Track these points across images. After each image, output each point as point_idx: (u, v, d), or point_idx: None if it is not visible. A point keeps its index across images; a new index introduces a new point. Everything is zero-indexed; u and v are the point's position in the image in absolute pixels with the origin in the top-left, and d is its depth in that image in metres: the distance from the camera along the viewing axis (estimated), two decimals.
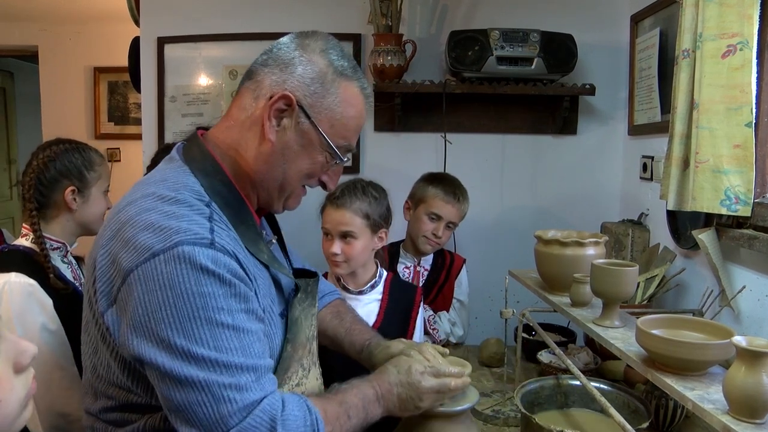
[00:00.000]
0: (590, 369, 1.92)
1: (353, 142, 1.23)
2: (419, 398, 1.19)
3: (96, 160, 1.83)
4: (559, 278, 1.66)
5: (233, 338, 0.99)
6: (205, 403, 0.96)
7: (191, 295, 0.96)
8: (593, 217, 2.70)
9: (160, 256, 0.96)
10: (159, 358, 0.96)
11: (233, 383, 0.97)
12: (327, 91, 1.15)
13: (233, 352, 0.98)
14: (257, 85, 1.16)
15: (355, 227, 1.78)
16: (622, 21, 2.73)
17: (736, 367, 0.97)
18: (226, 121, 1.20)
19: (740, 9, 1.64)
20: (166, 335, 0.95)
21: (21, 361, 0.70)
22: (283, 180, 1.18)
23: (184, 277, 0.96)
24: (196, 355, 0.95)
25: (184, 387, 0.95)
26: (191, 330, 0.96)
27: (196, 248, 0.97)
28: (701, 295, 1.97)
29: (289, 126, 1.14)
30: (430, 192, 2.29)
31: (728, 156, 1.67)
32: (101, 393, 1.09)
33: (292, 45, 1.17)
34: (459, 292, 2.39)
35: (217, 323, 0.97)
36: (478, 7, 2.83)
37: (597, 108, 2.84)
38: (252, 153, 1.16)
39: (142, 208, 1.03)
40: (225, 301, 0.99)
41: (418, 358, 1.25)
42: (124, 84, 4.74)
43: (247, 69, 1.21)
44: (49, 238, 1.73)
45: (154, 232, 0.98)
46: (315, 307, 1.32)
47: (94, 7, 4.35)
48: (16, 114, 5.69)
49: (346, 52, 1.21)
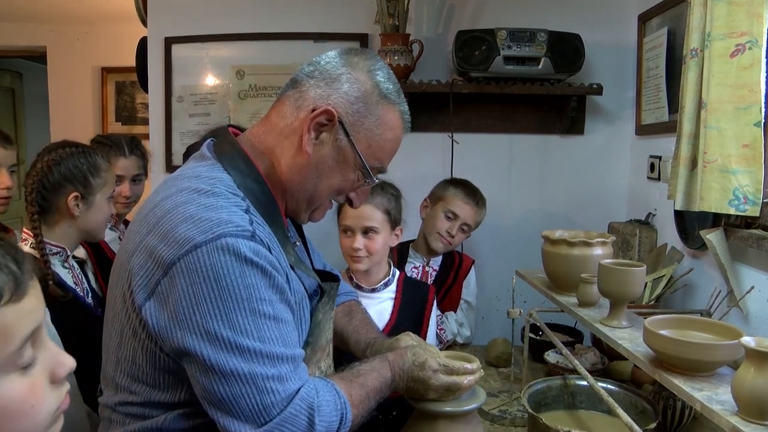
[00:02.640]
0: (597, 369, 1.91)
1: (386, 165, 1.23)
2: (425, 392, 1.23)
3: (102, 165, 1.77)
4: (567, 278, 1.66)
5: (274, 328, 1.01)
6: (248, 394, 0.97)
7: (236, 286, 0.97)
8: (600, 217, 2.70)
9: (203, 247, 0.96)
10: (204, 351, 0.96)
11: (275, 374, 0.99)
12: (369, 111, 1.15)
13: (275, 343, 1.00)
14: (300, 95, 1.15)
15: (377, 222, 1.80)
16: (630, 20, 2.72)
17: (745, 368, 0.96)
18: (263, 126, 1.20)
19: (749, 8, 1.63)
20: (211, 327, 0.96)
21: (58, 373, 0.72)
22: (314, 193, 1.18)
23: (229, 268, 0.96)
24: (241, 346, 0.97)
25: (228, 379, 0.97)
26: (236, 321, 0.97)
27: (239, 240, 0.98)
28: (709, 296, 1.96)
29: (328, 141, 1.14)
30: (450, 191, 2.32)
31: (737, 156, 1.66)
32: (123, 388, 1.09)
33: (340, 60, 1.17)
34: (467, 293, 2.39)
35: (260, 314, 0.99)
36: (485, 7, 2.82)
37: (604, 108, 2.83)
38: (287, 162, 1.16)
39: (178, 202, 1.03)
40: (266, 292, 1.01)
41: (431, 353, 1.27)
42: (131, 84, 4.75)
43: (291, 77, 1.20)
44: (48, 242, 1.68)
45: (194, 223, 0.98)
46: (333, 310, 1.33)
47: (101, 7, 4.37)
48: (25, 114, 5.72)
49: (392, 75, 1.20)
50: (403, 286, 1.91)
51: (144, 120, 4.55)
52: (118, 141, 2.22)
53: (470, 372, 1.25)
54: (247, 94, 2.91)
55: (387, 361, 1.22)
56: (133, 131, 4.79)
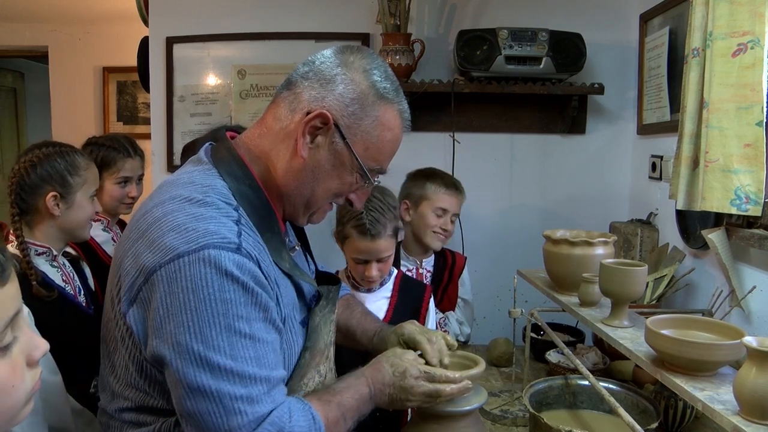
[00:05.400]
0: (599, 369, 1.91)
1: (385, 166, 1.20)
2: (408, 399, 1.19)
3: (81, 164, 1.75)
4: (568, 278, 1.66)
5: (249, 347, 0.98)
6: (215, 413, 0.95)
7: (213, 300, 0.95)
8: (602, 216, 2.69)
9: (185, 257, 0.95)
10: (174, 362, 0.95)
11: (245, 395, 0.96)
12: (366, 113, 1.11)
13: (248, 362, 0.97)
14: (295, 97, 1.13)
15: (390, 250, 1.77)
16: (631, 20, 2.71)
17: (747, 367, 0.96)
18: (259, 128, 1.18)
19: (752, 7, 1.63)
20: (183, 339, 0.95)
21: (34, 355, 0.74)
22: (311, 197, 1.16)
23: (208, 281, 0.95)
24: (211, 362, 0.95)
25: (196, 395, 0.95)
26: (209, 336, 0.95)
27: (222, 252, 0.96)
28: (711, 295, 1.95)
29: (323, 144, 1.12)
30: (430, 189, 2.28)
31: (738, 155, 1.66)
32: (118, 393, 1.09)
33: (335, 60, 1.13)
34: (463, 291, 2.39)
35: (235, 331, 0.97)
36: (487, 7, 2.82)
37: (606, 107, 2.83)
38: (283, 166, 1.13)
39: (169, 210, 1.02)
40: (245, 309, 0.98)
41: (410, 361, 1.22)
42: (133, 84, 4.76)
43: (286, 77, 1.18)
44: (33, 243, 1.67)
45: (180, 233, 0.98)
46: (334, 313, 1.30)
47: (103, 7, 4.38)
48: (27, 114, 5.73)
49: (389, 72, 1.17)
50: (400, 285, 1.90)
51: (145, 120, 4.55)
52: (120, 142, 2.21)
53: (452, 381, 1.21)
54: (248, 94, 2.92)
55: (364, 376, 1.18)
56: (135, 131, 4.80)
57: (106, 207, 2.19)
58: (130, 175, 2.20)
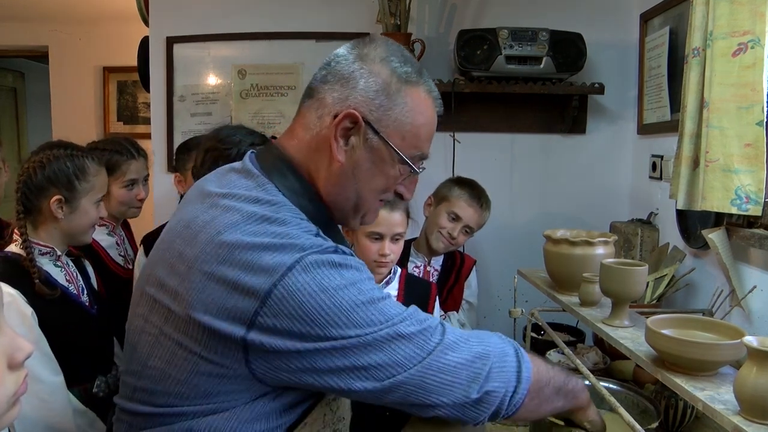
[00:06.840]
0: (599, 369, 1.91)
1: (426, 150, 1.15)
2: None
3: (90, 169, 1.70)
4: (568, 278, 1.66)
5: (393, 305, 1.01)
6: (418, 344, 0.98)
7: (341, 288, 0.95)
8: (602, 216, 2.69)
9: (296, 267, 0.94)
10: (344, 359, 0.95)
11: (422, 327, 1.00)
12: (393, 102, 1.08)
13: (402, 313, 1.00)
14: (320, 103, 1.10)
15: (404, 226, 1.81)
16: (632, 19, 2.71)
17: (748, 367, 0.96)
18: (290, 140, 1.14)
19: (752, 6, 1.63)
20: (338, 334, 0.94)
21: (16, 357, 0.71)
22: (358, 199, 1.13)
23: (328, 276, 0.95)
24: (376, 336, 0.96)
25: (393, 367, 0.97)
26: (359, 316, 0.96)
27: (324, 254, 0.97)
28: (711, 295, 1.95)
29: (358, 144, 1.08)
30: (455, 192, 2.30)
31: (739, 155, 1.66)
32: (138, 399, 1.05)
33: (350, 57, 1.10)
34: (468, 294, 2.39)
35: (375, 300, 0.98)
36: (487, 6, 2.82)
37: (606, 107, 2.83)
38: (323, 175, 1.10)
39: (251, 231, 0.98)
40: (368, 283, 1.00)
41: None
42: (133, 84, 4.76)
43: (306, 87, 1.14)
44: (37, 243, 1.65)
45: (277, 251, 0.96)
46: None
47: (103, 7, 4.38)
48: (27, 114, 5.73)
49: (407, 56, 1.13)
50: (405, 284, 1.91)
51: (146, 119, 4.54)
52: (122, 145, 2.19)
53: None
54: (248, 94, 2.92)
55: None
56: (135, 131, 4.80)
57: (115, 212, 2.18)
58: (136, 177, 2.19)
